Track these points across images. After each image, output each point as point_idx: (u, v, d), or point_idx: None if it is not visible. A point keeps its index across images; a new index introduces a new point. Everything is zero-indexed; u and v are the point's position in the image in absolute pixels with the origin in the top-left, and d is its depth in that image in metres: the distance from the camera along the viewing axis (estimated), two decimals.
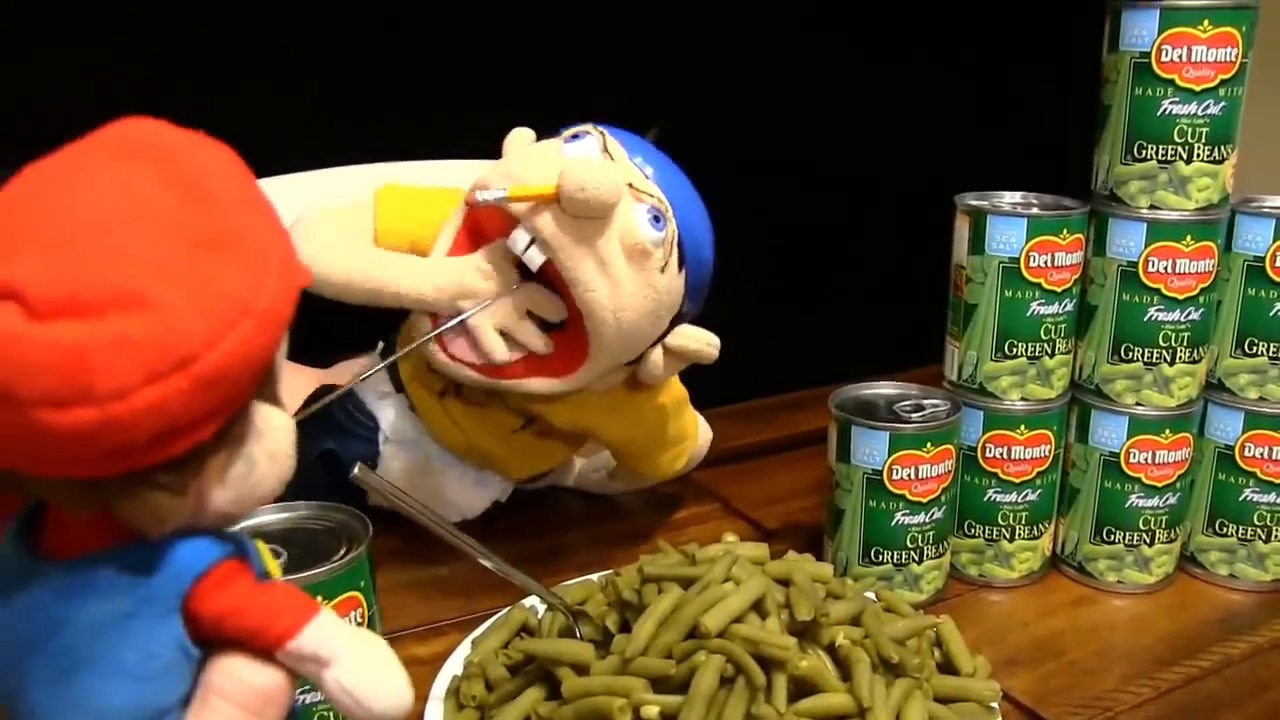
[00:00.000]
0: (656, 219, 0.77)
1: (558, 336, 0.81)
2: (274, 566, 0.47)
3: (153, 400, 0.36)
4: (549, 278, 0.78)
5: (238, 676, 0.41)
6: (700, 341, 0.84)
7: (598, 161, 0.77)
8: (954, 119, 1.50)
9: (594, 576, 0.79)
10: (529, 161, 0.77)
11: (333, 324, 0.84)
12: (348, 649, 0.42)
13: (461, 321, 0.79)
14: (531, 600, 0.77)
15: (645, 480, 1.03)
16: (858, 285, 1.49)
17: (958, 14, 1.49)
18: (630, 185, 0.77)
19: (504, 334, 0.80)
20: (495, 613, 0.78)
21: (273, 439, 0.43)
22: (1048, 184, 0.91)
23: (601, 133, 0.80)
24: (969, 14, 1.50)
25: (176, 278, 0.38)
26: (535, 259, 0.76)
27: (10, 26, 0.99)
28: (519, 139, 0.83)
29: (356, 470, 0.65)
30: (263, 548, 0.47)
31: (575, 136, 0.80)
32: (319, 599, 0.60)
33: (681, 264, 0.80)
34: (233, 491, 0.42)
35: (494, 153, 0.83)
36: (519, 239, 0.76)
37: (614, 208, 0.75)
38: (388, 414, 0.93)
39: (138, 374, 0.36)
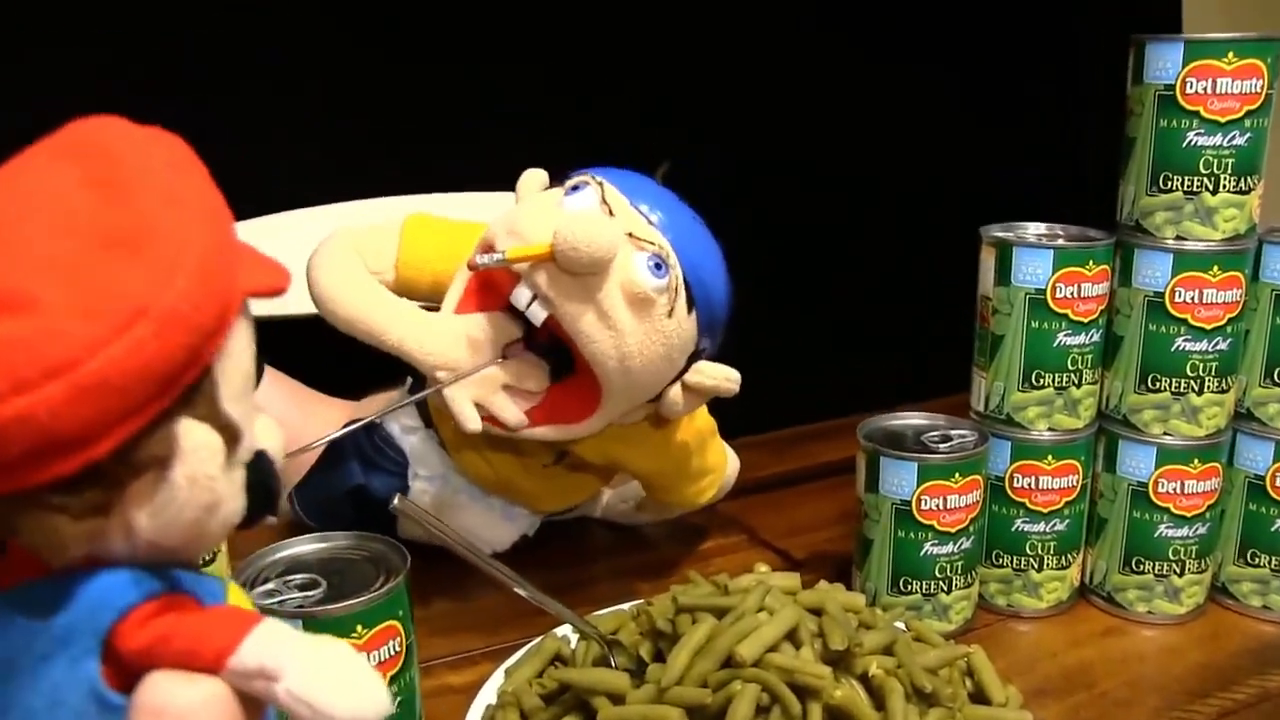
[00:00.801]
0: (658, 266, 0.77)
1: (569, 383, 0.82)
2: (242, 604, 0.43)
3: (22, 410, 0.33)
4: (556, 329, 0.79)
5: (161, 688, 0.37)
6: (719, 378, 0.84)
7: (593, 217, 0.77)
8: (983, 151, 1.51)
9: (625, 606, 0.79)
10: (527, 219, 0.77)
11: (365, 358, 0.85)
12: (296, 656, 0.38)
13: (437, 391, 0.80)
14: (564, 630, 0.77)
15: (673, 511, 1.03)
16: (882, 316, 1.50)
17: (988, 50, 1.50)
18: (630, 235, 0.77)
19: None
20: (527, 642, 0.78)
21: (194, 461, 0.38)
22: (1079, 216, 0.91)
23: (600, 183, 0.79)
24: (993, 47, 1.51)
25: (65, 276, 0.35)
26: (538, 315, 0.77)
27: (10, 27, 1.00)
28: (530, 182, 0.83)
29: (396, 501, 0.66)
30: (234, 588, 0.43)
31: (575, 188, 0.79)
32: (358, 628, 0.61)
33: (691, 305, 0.80)
34: (157, 520, 0.38)
35: (494, 160, 0.83)
36: (521, 295, 0.77)
37: (609, 263, 0.75)
38: (416, 448, 0.94)
39: (3, 381, 0.33)
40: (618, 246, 0.75)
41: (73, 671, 0.37)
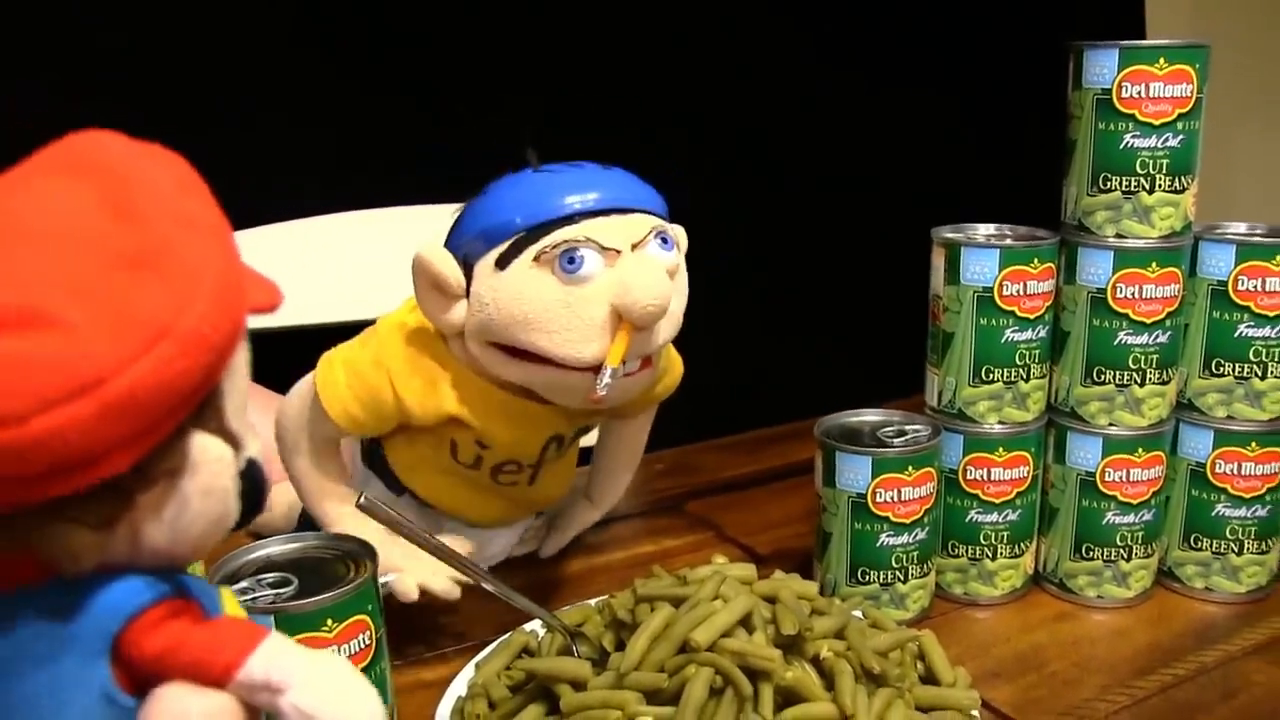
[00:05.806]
0: (664, 240, 0.76)
1: None
2: (236, 609, 0.45)
3: (51, 427, 0.34)
4: None
5: (174, 699, 0.38)
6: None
7: (638, 278, 0.73)
8: (937, 154, 1.54)
9: (591, 601, 0.82)
10: (586, 322, 0.74)
11: None
12: (301, 671, 0.40)
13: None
14: (532, 624, 0.80)
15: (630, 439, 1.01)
16: (847, 319, 1.53)
17: (946, 56, 1.53)
18: (634, 246, 0.74)
19: None
20: (498, 638, 0.80)
21: (207, 474, 0.39)
22: (1031, 218, 0.94)
23: (587, 239, 0.73)
24: (955, 54, 1.54)
25: (90, 297, 0.35)
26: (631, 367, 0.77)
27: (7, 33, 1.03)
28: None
29: (362, 500, 0.68)
30: (226, 592, 0.44)
31: (571, 259, 0.73)
32: (328, 622, 0.63)
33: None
34: (168, 530, 0.39)
35: (465, 167, 0.83)
36: (604, 381, 0.74)
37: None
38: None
39: (33, 399, 0.34)
40: (671, 287, 0.74)
41: (82, 674, 0.38)
